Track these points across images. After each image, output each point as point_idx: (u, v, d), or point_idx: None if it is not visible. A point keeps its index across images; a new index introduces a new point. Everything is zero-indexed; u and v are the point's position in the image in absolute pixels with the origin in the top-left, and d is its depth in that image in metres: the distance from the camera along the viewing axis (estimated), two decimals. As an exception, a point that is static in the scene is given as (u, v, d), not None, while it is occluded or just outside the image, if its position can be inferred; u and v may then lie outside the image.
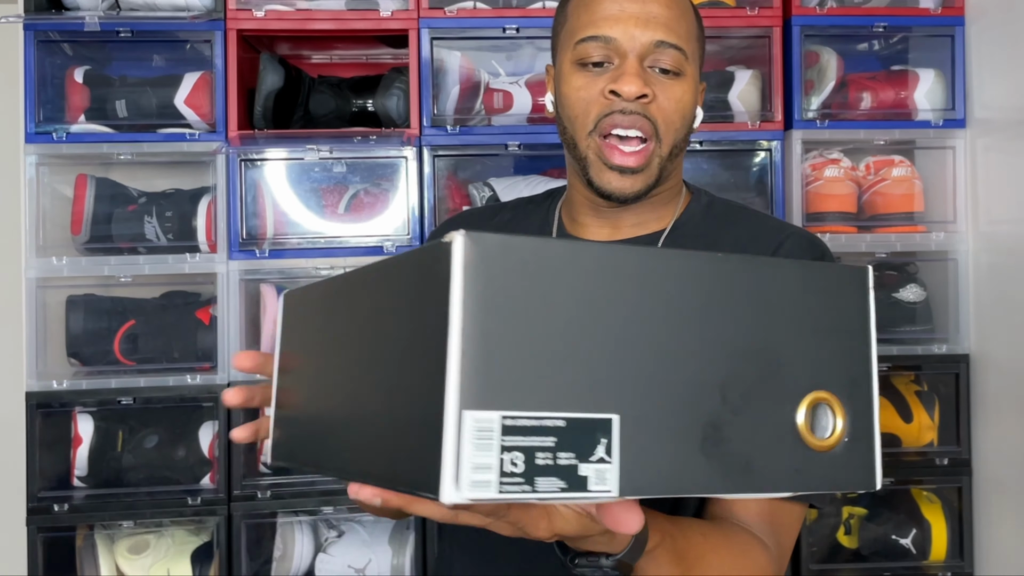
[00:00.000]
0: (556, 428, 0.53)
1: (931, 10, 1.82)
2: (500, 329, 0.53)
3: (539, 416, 0.53)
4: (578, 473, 0.53)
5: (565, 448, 0.53)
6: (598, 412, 0.54)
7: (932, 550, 1.79)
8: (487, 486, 0.51)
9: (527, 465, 0.52)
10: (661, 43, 0.94)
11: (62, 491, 1.70)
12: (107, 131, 1.73)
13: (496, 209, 1.13)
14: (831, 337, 0.60)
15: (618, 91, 0.93)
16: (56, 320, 1.73)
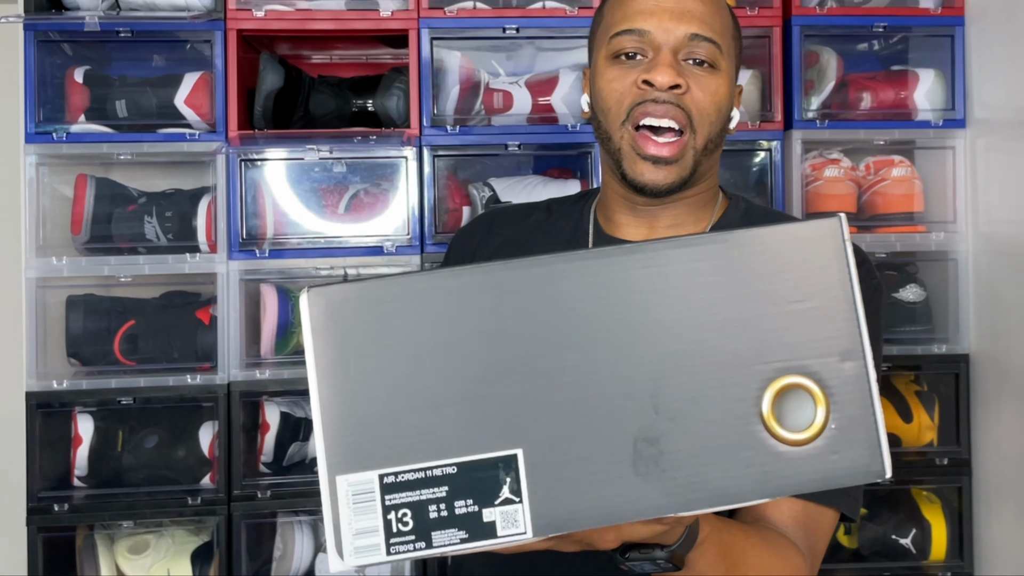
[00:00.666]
0: (447, 476, 0.50)
1: (931, 10, 1.82)
2: (364, 384, 0.50)
3: (424, 467, 0.50)
4: (482, 520, 0.50)
5: (462, 495, 0.50)
6: (496, 450, 0.50)
7: (932, 550, 1.79)
8: (374, 550, 0.49)
9: (417, 521, 0.50)
10: (695, 36, 0.93)
11: (62, 491, 1.70)
12: (107, 131, 1.72)
13: (530, 208, 1.12)
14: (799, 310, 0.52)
15: (651, 81, 0.92)
16: (56, 320, 1.73)
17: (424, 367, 0.51)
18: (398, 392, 0.51)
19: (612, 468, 0.50)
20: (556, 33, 1.79)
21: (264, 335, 1.72)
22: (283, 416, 1.73)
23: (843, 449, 0.51)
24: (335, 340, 0.50)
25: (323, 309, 0.50)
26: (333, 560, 0.49)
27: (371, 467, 0.50)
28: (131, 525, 1.70)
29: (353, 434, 0.50)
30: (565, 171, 1.88)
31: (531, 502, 0.50)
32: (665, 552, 0.68)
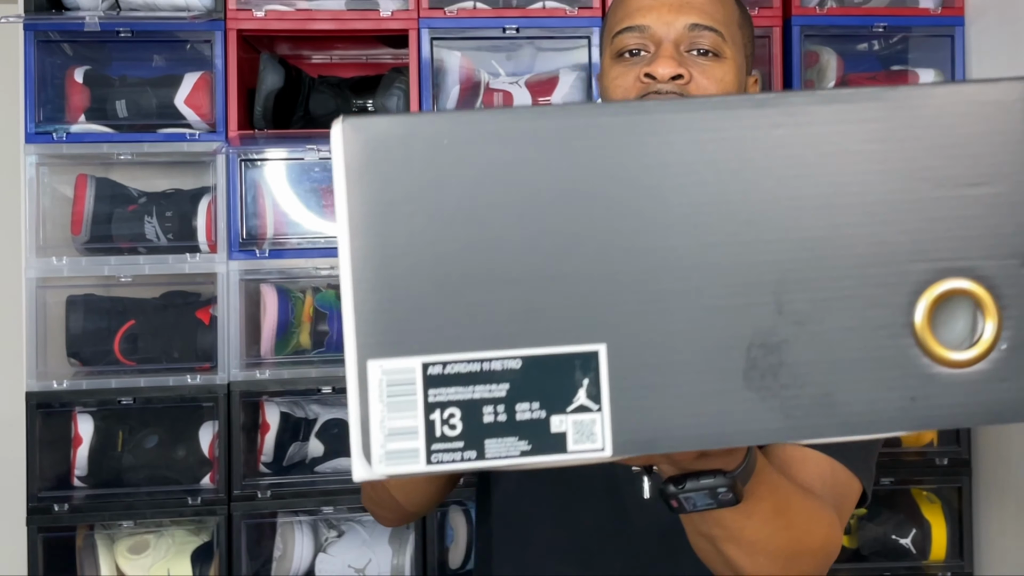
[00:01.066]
0: (508, 371, 0.40)
1: (931, 10, 1.83)
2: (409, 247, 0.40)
3: (480, 358, 0.40)
4: (549, 429, 0.41)
5: (526, 397, 0.40)
6: (574, 343, 0.41)
7: (932, 550, 1.79)
8: (410, 457, 0.40)
9: (468, 425, 0.40)
10: (696, 26, 0.93)
11: (62, 491, 1.70)
12: (107, 131, 1.72)
13: None
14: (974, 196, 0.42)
15: (653, 73, 0.92)
16: (56, 320, 1.73)
17: (487, 231, 0.40)
18: (453, 260, 0.40)
19: (718, 377, 0.41)
20: (556, 33, 1.79)
21: (264, 335, 1.72)
22: (283, 416, 1.73)
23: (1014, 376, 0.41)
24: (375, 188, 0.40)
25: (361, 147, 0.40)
26: (358, 466, 0.39)
27: (413, 352, 0.40)
28: (131, 525, 1.70)
29: (393, 310, 0.40)
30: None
31: (613, 412, 0.41)
32: (727, 479, 0.60)
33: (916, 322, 0.42)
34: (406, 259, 0.40)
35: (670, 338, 0.41)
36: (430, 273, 0.40)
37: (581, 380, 0.41)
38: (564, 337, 0.40)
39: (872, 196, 0.42)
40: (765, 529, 0.68)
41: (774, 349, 0.41)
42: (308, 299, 1.75)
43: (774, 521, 0.68)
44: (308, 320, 1.73)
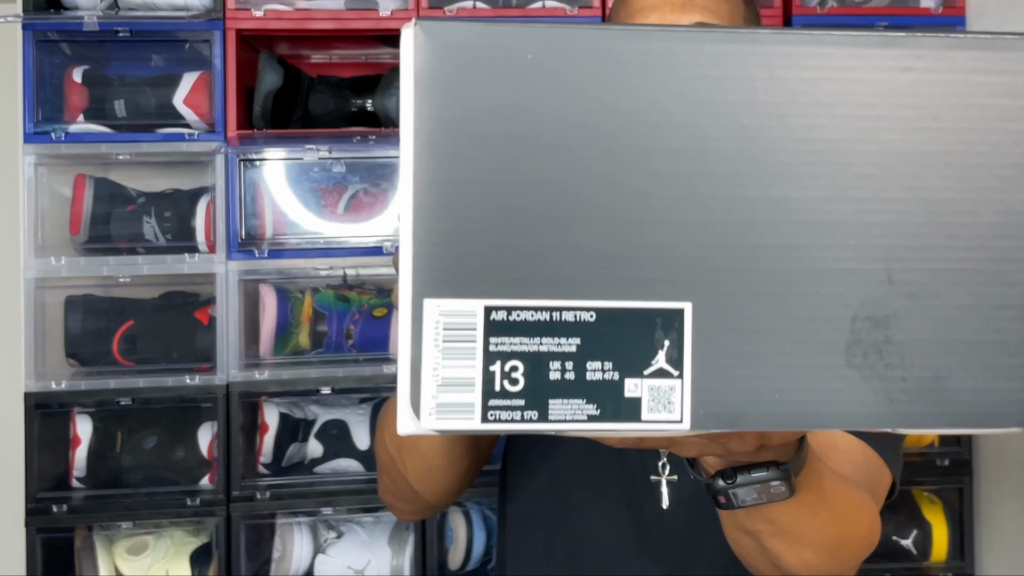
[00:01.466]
0: (581, 324, 0.36)
1: (932, 10, 1.82)
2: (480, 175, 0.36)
3: (550, 306, 0.36)
4: (623, 393, 0.36)
5: (599, 355, 0.36)
6: (656, 299, 0.36)
7: (933, 551, 1.79)
8: (464, 412, 0.35)
9: (532, 380, 0.36)
10: (701, 25, 0.90)
11: (61, 492, 1.70)
12: (106, 131, 1.72)
13: None
14: None
15: None
16: (55, 320, 1.72)
17: (569, 163, 0.36)
18: (528, 193, 0.36)
19: (816, 351, 0.36)
20: (556, 33, 1.78)
21: (263, 336, 1.71)
22: (282, 417, 1.72)
23: None
24: (447, 103, 0.35)
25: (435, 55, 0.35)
26: (405, 418, 0.35)
27: (476, 294, 0.35)
28: (130, 526, 1.69)
29: (457, 244, 0.35)
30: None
31: (695, 380, 0.36)
32: (782, 471, 0.55)
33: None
34: (475, 187, 0.35)
35: (765, 301, 0.36)
36: (501, 206, 0.36)
37: (662, 341, 0.36)
38: (646, 291, 0.36)
39: (1004, 159, 0.37)
40: (813, 522, 0.64)
41: (881, 323, 0.37)
42: (307, 299, 1.74)
43: (821, 513, 0.65)
44: (307, 321, 1.73)
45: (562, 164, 0.36)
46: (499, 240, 0.36)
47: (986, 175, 0.38)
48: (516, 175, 0.36)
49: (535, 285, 0.36)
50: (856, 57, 0.38)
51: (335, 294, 1.76)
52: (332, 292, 1.76)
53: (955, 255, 0.37)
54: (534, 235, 0.36)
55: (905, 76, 0.38)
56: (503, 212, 0.36)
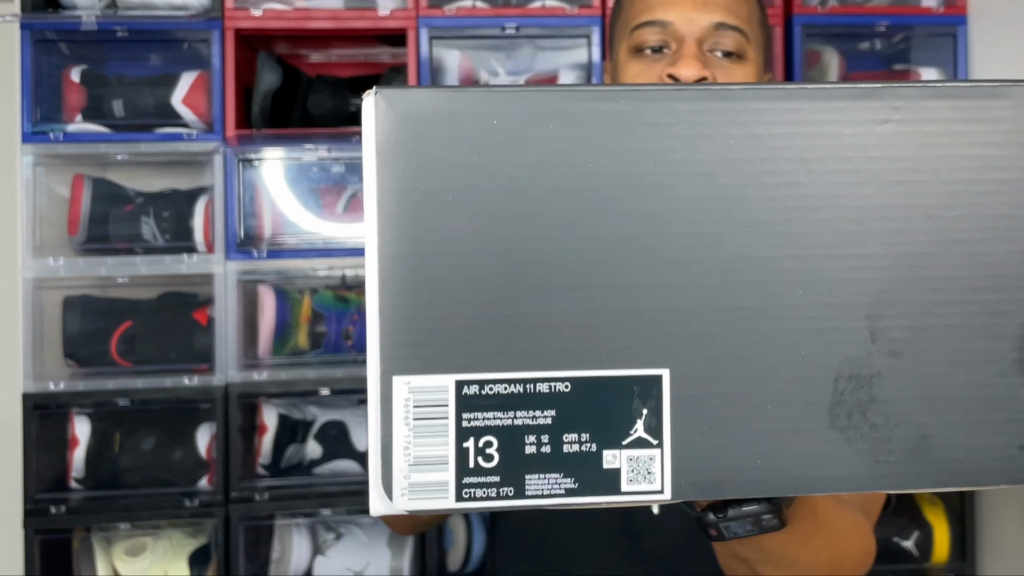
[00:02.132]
0: (556, 395, 0.35)
1: (933, 9, 1.82)
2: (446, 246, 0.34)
3: (523, 378, 0.35)
4: (601, 465, 0.35)
5: (575, 427, 0.35)
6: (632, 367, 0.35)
7: (934, 552, 1.78)
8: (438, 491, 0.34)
9: (507, 456, 0.34)
10: (721, 25, 0.89)
11: (59, 493, 1.69)
12: (104, 131, 1.72)
13: None
14: None
15: (676, 75, 0.88)
16: (53, 321, 1.72)
17: (539, 230, 0.34)
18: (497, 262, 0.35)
19: (798, 413, 0.36)
20: (556, 32, 1.78)
21: (262, 336, 1.71)
22: (281, 418, 1.72)
23: None
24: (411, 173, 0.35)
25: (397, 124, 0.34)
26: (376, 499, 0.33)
27: (446, 369, 0.35)
28: (128, 527, 1.69)
29: (425, 318, 0.35)
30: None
31: (674, 448, 0.35)
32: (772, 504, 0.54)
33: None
34: (443, 258, 0.35)
35: (745, 365, 0.35)
36: (469, 277, 0.35)
37: (640, 410, 0.36)
38: (622, 359, 0.35)
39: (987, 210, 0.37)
40: (806, 549, 0.65)
41: (865, 383, 0.36)
42: (306, 300, 1.74)
43: (814, 540, 0.65)
44: (306, 321, 1.72)
45: (531, 231, 0.35)
46: (468, 312, 0.35)
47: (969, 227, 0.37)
48: (484, 244, 0.35)
49: (507, 357, 0.35)
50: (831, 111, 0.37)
51: (334, 295, 1.75)
52: (331, 293, 1.75)
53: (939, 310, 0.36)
54: (504, 306, 0.35)
55: (882, 128, 0.37)
56: (471, 283, 0.35)
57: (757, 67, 0.93)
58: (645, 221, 0.35)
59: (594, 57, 1.75)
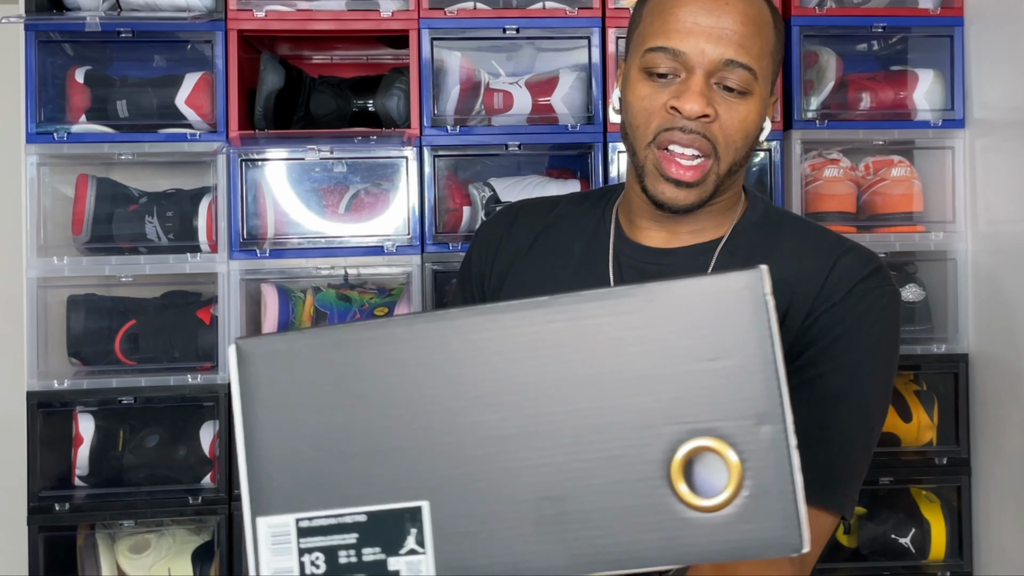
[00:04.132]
0: (357, 524, 0.52)
1: (930, 10, 1.83)
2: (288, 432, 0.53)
3: (336, 514, 0.52)
4: (387, 568, 0.52)
5: (370, 543, 0.52)
6: (403, 501, 0.52)
7: (931, 549, 1.79)
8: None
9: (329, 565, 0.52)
10: (731, 62, 0.91)
11: (63, 491, 1.70)
12: (108, 131, 1.73)
13: (554, 202, 1.12)
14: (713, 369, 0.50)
15: (679, 108, 0.91)
16: (57, 320, 1.73)
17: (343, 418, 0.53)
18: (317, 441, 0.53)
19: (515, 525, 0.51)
20: (556, 33, 1.80)
21: (265, 335, 1.72)
22: (284, 416, 1.73)
23: (756, 519, 0.48)
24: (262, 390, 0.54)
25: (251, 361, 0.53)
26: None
27: (288, 511, 0.53)
28: (132, 524, 1.70)
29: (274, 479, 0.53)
30: (565, 171, 1.88)
31: (435, 554, 0.52)
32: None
33: (672, 475, 0.49)
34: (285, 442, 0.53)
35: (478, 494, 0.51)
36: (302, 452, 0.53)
37: (410, 529, 0.52)
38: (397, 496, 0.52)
39: (631, 372, 0.51)
40: None
41: (558, 501, 0.50)
42: (309, 299, 1.75)
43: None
44: (309, 320, 1.74)
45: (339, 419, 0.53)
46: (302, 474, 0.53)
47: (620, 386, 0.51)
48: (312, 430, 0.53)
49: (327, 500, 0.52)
50: (518, 318, 0.53)
51: (336, 293, 1.76)
52: (333, 291, 1.77)
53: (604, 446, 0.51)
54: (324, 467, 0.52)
55: (552, 326, 0.52)
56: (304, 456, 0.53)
57: (761, 101, 0.95)
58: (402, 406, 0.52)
59: (594, 58, 1.76)
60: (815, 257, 0.96)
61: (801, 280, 0.95)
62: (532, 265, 1.06)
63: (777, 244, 1.00)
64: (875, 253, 1.00)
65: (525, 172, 1.88)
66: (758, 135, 0.97)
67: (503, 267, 1.07)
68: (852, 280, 0.95)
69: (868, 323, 0.95)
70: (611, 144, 1.76)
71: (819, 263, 0.96)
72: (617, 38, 1.76)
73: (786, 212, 1.07)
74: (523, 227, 1.09)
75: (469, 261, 1.12)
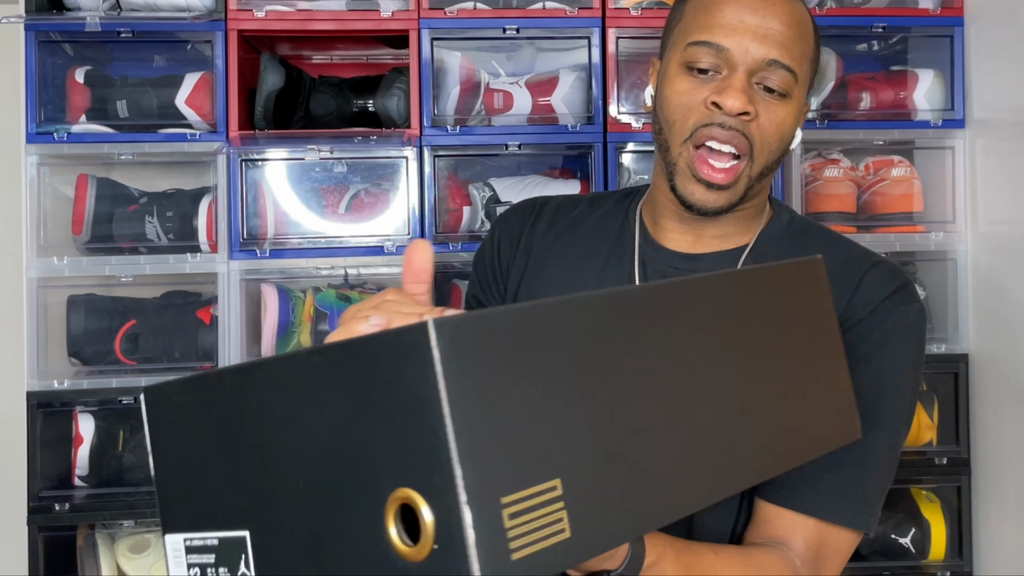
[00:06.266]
0: (213, 547, 0.62)
1: (930, 10, 1.83)
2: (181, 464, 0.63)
3: (202, 536, 0.62)
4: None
5: (221, 563, 0.61)
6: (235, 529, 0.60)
7: (931, 549, 1.79)
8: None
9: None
10: (774, 62, 0.91)
11: (63, 490, 1.70)
12: (108, 131, 1.73)
13: (575, 201, 1.11)
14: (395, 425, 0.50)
15: (721, 104, 0.90)
16: (57, 320, 1.73)
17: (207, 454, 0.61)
18: (195, 473, 0.62)
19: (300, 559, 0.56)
20: (556, 33, 1.80)
21: (265, 335, 1.72)
22: (284, 416, 1.73)
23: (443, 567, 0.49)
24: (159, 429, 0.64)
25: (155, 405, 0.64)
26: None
27: (180, 531, 0.63)
28: (132, 524, 1.70)
29: (171, 504, 0.64)
30: (565, 171, 1.88)
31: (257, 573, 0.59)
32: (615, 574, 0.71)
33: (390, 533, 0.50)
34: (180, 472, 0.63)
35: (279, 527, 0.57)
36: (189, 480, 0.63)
37: (241, 553, 0.59)
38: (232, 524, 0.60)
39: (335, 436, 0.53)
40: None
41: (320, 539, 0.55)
42: (309, 299, 1.75)
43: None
44: (309, 320, 1.74)
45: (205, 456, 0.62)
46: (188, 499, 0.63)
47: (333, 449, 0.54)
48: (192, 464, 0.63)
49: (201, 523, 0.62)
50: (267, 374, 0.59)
51: (336, 293, 1.76)
52: (333, 291, 1.77)
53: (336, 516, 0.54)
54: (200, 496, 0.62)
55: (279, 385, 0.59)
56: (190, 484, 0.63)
57: (798, 105, 0.95)
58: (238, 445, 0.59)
59: (594, 58, 1.76)
60: (842, 270, 0.95)
61: None
62: (555, 262, 1.05)
63: (803, 254, 0.98)
64: (902, 268, 0.98)
65: (525, 172, 1.88)
66: (791, 141, 0.97)
67: (522, 262, 1.07)
68: (879, 297, 0.94)
69: (893, 341, 0.94)
70: (611, 144, 1.76)
71: (846, 277, 0.95)
72: (617, 38, 1.76)
73: (812, 222, 1.06)
74: (545, 223, 1.08)
75: (485, 251, 1.11)
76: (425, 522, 0.48)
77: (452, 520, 0.47)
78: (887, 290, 0.94)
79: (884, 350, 0.93)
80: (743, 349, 0.66)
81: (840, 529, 0.91)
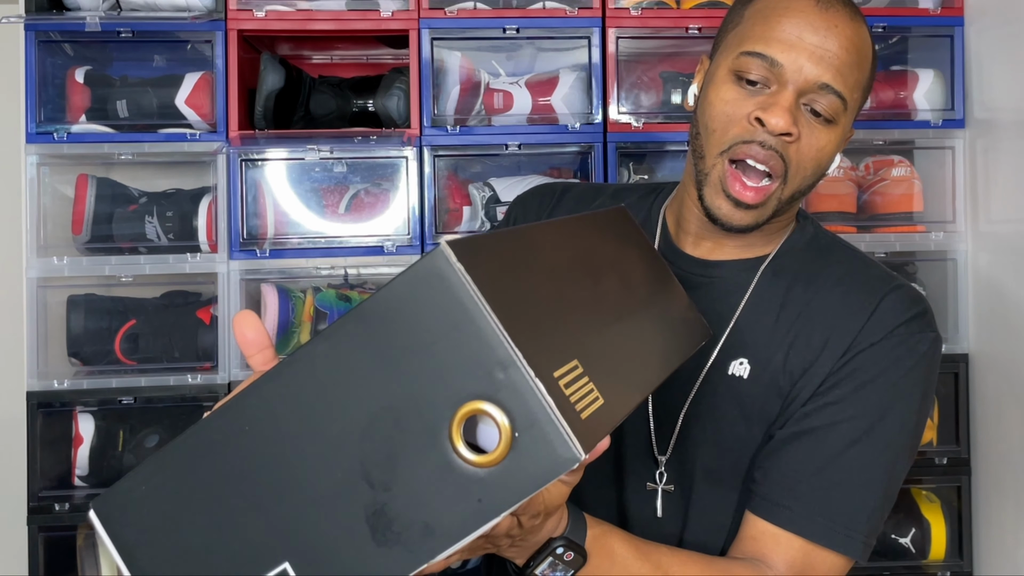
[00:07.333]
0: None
1: (930, 10, 1.83)
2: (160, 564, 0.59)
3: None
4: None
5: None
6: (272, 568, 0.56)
7: (931, 549, 1.79)
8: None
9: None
10: (826, 86, 0.88)
11: (63, 490, 1.70)
12: (108, 131, 1.73)
13: (596, 191, 1.10)
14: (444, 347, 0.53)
15: (764, 121, 0.88)
16: (57, 320, 1.73)
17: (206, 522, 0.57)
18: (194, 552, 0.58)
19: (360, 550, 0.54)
20: (556, 33, 1.79)
21: (265, 335, 1.72)
22: (284, 416, 1.73)
23: (532, 449, 0.52)
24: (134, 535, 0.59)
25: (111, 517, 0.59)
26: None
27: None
28: (132, 524, 1.70)
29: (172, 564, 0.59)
30: (565, 171, 1.88)
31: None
32: (560, 540, 0.73)
33: (458, 447, 0.52)
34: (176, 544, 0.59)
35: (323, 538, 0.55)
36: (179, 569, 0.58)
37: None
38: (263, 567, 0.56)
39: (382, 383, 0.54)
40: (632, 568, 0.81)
41: (381, 513, 0.54)
42: (309, 299, 1.75)
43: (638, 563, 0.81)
44: (309, 320, 1.74)
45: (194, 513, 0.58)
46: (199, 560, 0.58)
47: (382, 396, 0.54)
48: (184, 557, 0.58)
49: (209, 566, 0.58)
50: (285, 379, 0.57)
51: (336, 293, 1.76)
52: (333, 291, 1.77)
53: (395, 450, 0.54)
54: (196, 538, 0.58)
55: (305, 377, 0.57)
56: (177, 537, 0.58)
57: (842, 132, 0.93)
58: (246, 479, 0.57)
59: (594, 58, 1.76)
60: (861, 291, 0.94)
61: (844, 313, 0.93)
62: None
63: (824, 269, 0.97)
64: (922, 295, 0.97)
65: (525, 172, 1.88)
66: (828, 167, 0.94)
67: None
68: (895, 322, 0.92)
69: (903, 368, 0.92)
70: (611, 144, 1.76)
71: (864, 298, 0.93)
72: (617, 38, 1.76)
73: (836, 238, 1.04)
74: (565, 211, 1.07)
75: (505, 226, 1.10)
76: (498, 421, 0.51)
77: (527, 399, 0.51)
78: (904, 316, 0.93)
79: (894, 375, 0.91)
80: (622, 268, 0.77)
81: (828, 552, 0.89)
